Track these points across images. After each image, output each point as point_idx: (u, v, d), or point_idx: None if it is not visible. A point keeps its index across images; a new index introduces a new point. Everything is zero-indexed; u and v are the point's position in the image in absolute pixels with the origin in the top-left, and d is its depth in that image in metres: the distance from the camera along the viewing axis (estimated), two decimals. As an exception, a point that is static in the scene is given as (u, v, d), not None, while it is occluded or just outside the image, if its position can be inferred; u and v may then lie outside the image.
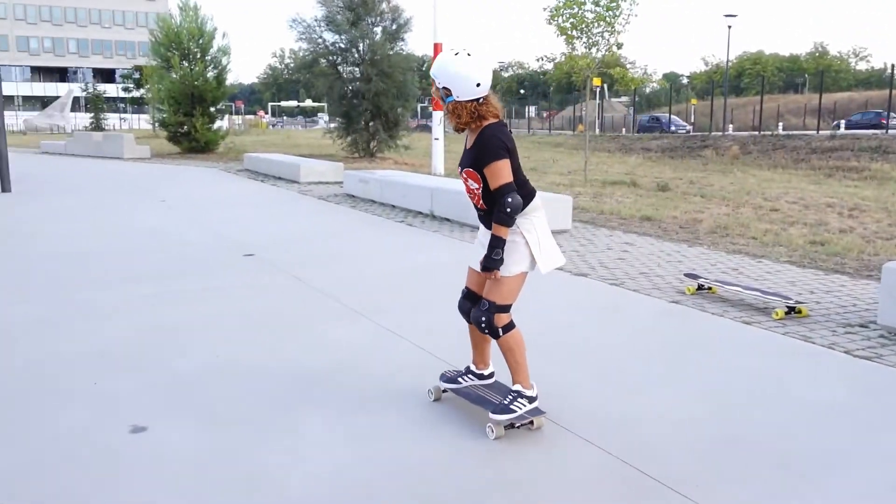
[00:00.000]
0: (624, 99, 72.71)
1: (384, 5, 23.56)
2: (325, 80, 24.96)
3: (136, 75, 64.26)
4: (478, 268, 3.70)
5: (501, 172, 3.39)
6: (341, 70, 25.00)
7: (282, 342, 5.22)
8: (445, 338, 5.24)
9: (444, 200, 11.06)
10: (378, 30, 23.84)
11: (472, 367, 4.06)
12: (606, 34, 18.03)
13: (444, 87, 3.53)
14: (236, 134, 44.37)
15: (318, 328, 5.56)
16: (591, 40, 18.22)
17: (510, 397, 3.69)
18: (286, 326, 5.60)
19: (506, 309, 3.61)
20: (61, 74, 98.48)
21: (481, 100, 3.53)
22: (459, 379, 4.07)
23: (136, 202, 13.76)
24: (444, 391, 4.12)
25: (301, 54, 26.96)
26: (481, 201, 3.57)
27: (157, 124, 40.03)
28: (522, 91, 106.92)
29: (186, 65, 28.31)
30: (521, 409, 3.65)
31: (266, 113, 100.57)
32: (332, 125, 27.60)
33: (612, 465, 3.39)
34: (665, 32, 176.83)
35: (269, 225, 10.99)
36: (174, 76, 28.36)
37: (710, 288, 6.67)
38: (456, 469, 3.34)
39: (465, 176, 3.60)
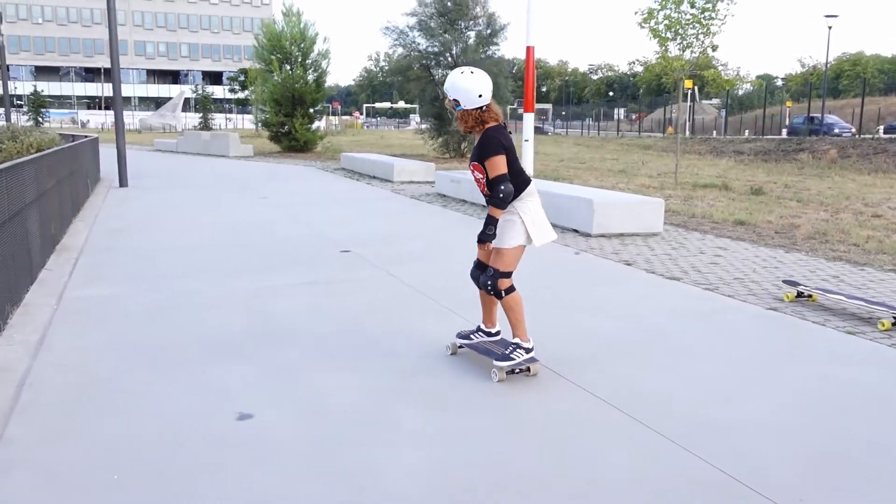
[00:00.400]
0: (715, 101, 70.46)
1: (478, 10, 23.54)
2: (417, 84, 25.17)
3: (242, 78, 66.53)
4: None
5: (497, 166, 4.07)
6: (434, 73, 25.13)
7: (380, 335, 5.26)
8: (530, 334, 5.17)
9: (534, 201, 10.95)
10: (471, 34, 23.85)
11: (482, 326, 4.75)
12: (701, 35, 17.47)
13: (453, 99, 4.20)
14: (333, 134, 45.28)
15: (413, 324, 5.58)
16: (685, 42, 17.69)
17: (511, 348, 4.38)
18: (383, 321, 5.65)
19: (507, 275, 4.31)
20: (174, 77, 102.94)
21: (484, 108, 4.19)
22: (472, 336, 4.74)
23: (240, 198, 14.20)
24: (460, 346, 4.78)
25: (395, 58, 27.26)
26: (486, 188, 4.22)
27: (259, 124, 41.29)
28: (611, 93, 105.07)
29: (288, 68, 29.06)
30: (519, 357, 4.35)
31: (361, 114, 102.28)
32: (424, 126, 27.80)
33: (709, 474, 3.25)
34: (759, 33, 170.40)
35: (364, 222, 11.14)
36: (276, 79, 29.16)
37: (810, 296, 6.35)
38: (553, 467, 3.28)
39: (472, 168, 4.27)
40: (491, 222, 4.22)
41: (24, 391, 4.21)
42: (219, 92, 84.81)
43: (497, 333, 4.75)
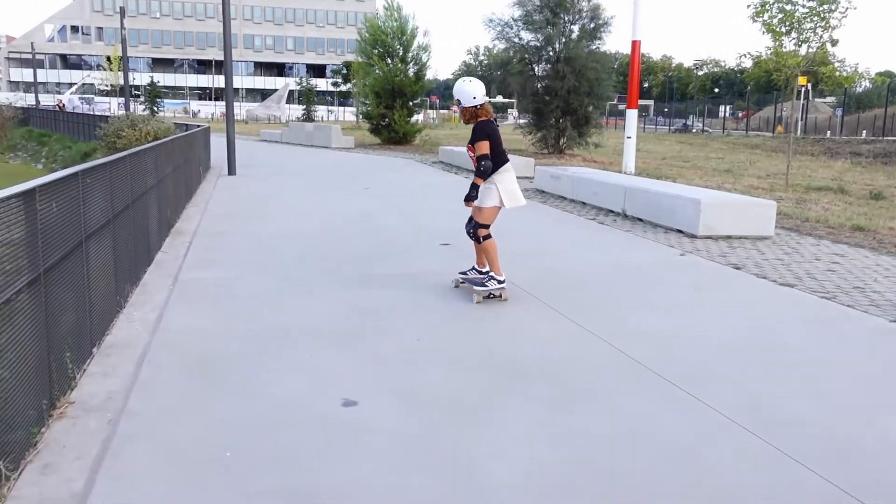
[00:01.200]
0: (830, 99, 66.96)
1: (583, 3, 23.15)
2: (518, 78, 24.96)
3: (344, 71, 67.95)
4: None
5: (481, 148, 5.77)
6: (535, 68, 24.89)
7: (483, 333, 5.25)
8: (643, 343, 5.04)
9: (637, 200, 10.69)
10: (575, 28, 23.48)
11: (475, 266, 6.35)
12: (819, 29, 16.61)
13: (456, 99, 6.06)
14: (431, 127, 45.58)
15: (517, 322, 5.54)
16: (800, 37, 16.86)
17: (487, 278, 6.08)
18: (486, 317, 5.63)
19: (486, 226, 6.03)
20: (279, 69, 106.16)
21: (478, 106, 5.95)
22: (467, 272, 6.41)
23: (342, 188, 14.49)
24: (462, 281, 6.40)
25: (496, 52, 27.17)
26: (475, 164, 5.87)
27: (360, 116, 42.05)
28: (717, 90, 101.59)
29: (389, 62, 29.44)
30: (492, 286, 6.02)
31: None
32: (522, 121, 27.62)
33: (844, 502, 3.07)
34: (882, 27, 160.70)
35: (463, 215, 11.10)
36: (378, 72, 29.60)
37: (938, 309, 5.93)
38: (676, 484, 3.18)
39: (467, 148, 5.95)
40: (474, 187, 5.89)
41: (143, 367, 4.42)
42: (322, 84, 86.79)
43: (487, 272, 6.17)
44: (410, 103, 30.19)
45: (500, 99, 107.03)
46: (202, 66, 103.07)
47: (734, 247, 8.77)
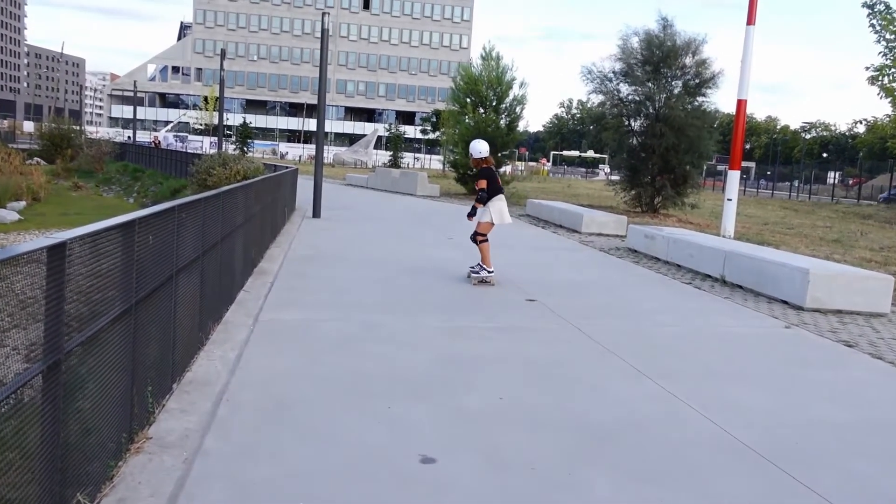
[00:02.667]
0: (952, 169, 64.00)
1: (688, 59, 23.01)
2: (613, 134, 24.87)
3: (434, 119, 69.31)
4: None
5: (481, 184, 9.14)
6: (631, 123, 24.78)
7: (566, 393, 5.15)
8: (742, 418, 4.83)
9: (738, 265, 10.38)
10: (678, 84, 23.32)
11: (480, 263, 9.31)
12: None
13: (470, 154, 9.56)
14: (519, 179, 45.92)
15: (601, 383, 5.42)
16: (923, 102, 16.25)
17: (479, 268, 9.20)
18: (570, 377, 5.54)
19: (483, 234, 9.21)
20: (369, 115, 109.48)
21: (483, 158, 9.39)
22: (475, 267, 9.34)
23: (426, 236, 14.65)
24: (469, 276, 9.35)
25: (590, 105, 27.23)
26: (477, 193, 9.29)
27: (447, 165, 42.58)
28: (825, 154, 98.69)
29: (482, 111, 29.89)
30: (483, 273, 9.16)
31: (548, 161, 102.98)
32: (615, 177, 27.44)
33: None
34: None
35: (550, 271, 11.09)
36: (468, 122, 30.05)
37: None
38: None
39: (475, 184, 9.33)
40: (474, 209, 9.37)
41: (221, 406, 4.50)
42: (410, 131, 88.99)
43: (492, 271, 9.34)
44: (500, 154, 30.46)
45: (591, 154, 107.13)
46: (293, 109, 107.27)
47: (845, 322, 8.37)
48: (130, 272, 3.64)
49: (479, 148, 9.57)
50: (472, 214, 9.45)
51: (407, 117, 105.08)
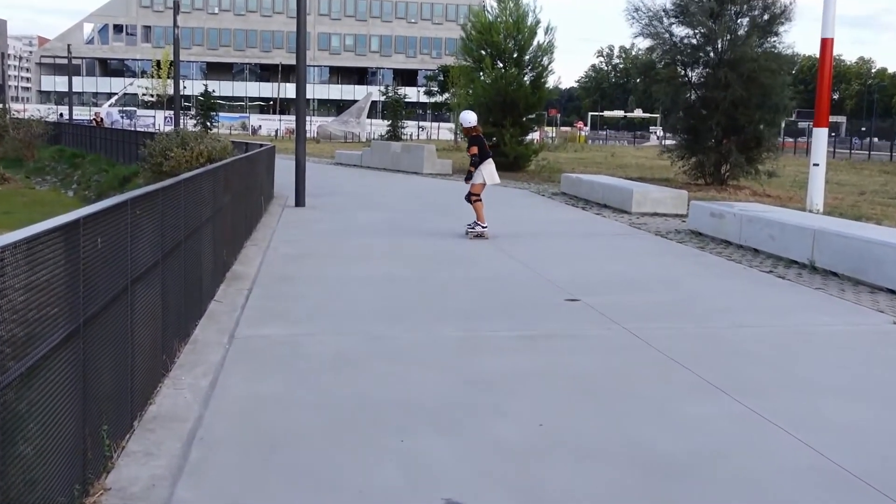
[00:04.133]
0: None
1: (755, -11, 22.85)
2: (666, 87, 24.74)
3: (441, 78, 69.33)
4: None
5: (472, 150, 13.16)
6: (688, 73, 24.66)
7: (622, 415, 5.14)
8: (846, 440, 4.80)
9: (831, 247, 10.31)
10: (743, 21, 23.16)
11: (476, 220, 13.00)
12: None
13: (460, 123, 14.47)
14: (550, 149, 45.82)
15: (666, 402, 5.40)
16: None
17: (474, 224, 13.02)
18: (626, 395, 5.52)
19: (476, 195, 13.01)
20: (360, 76, 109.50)
21: (473, 127, 13.36)
22: (470, 223, 13.09)
23: (438, 225, 14.66)
24: (466, 233, 12.95)
25: (636, 53, 27.13)
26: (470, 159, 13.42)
27: (460, 134, 42.59)
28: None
29: (500, 66, 29.82)
30: (478, 229, 12.93)
31: (585, 125, 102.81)
32: (670, 142, 27.33)
33: None
34: None
35: (594, 263, 11.07)
36: (485, 79, 30.01)
37: None
38: None
39: (468, 150, 13.64)
40: (469, 174, 13.18)
41: (194, 447, 4.52)
42: (412, 94, 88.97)
43: (486, 226, 12.82)
44: (525, 119, 30.41)
45: (639, 114, 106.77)
46: (266, 73, 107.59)
47: (969, 313, 8.30)
48: (76, 285, 3.65)
49: (469, 118, 13.45)
50: (468, 179, 13.37)
51: (407, 77, 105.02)
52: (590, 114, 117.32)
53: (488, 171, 13.13)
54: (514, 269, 10.43)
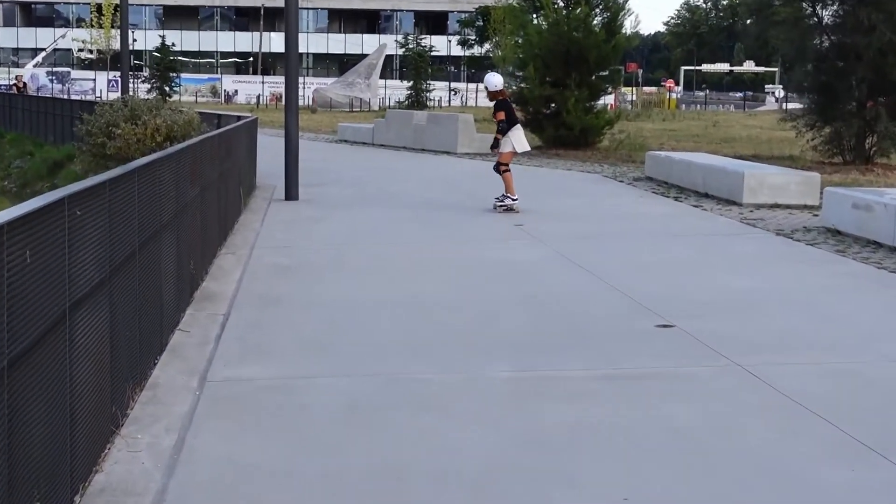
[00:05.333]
0: None
1: None
2: (788, 30, 24.59)
3: (479, 22, 69.35)
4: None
5: (499, 116, 16.37)
6: (818, 12, 24.48)
7: (735, 486, 5.10)
8: None
9: None
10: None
11: (505, 192, 16.18)
12: None
13: (485, 87, 17.78)
14: (628, 118, 45.73)
15: (796, 468, 5.35)
16: None
17: (503, 197, 16.22)
18: (740, 458, 5.48)
19: (505, 164, 16.24)
20: (369, 21, 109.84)
21: (499, 90, 17.00)
22: (499, 196, 16.26)
23: (479, 225, 14.64)
24: (494, 207, 16.24)
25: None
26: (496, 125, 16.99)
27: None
28: None
29: (561, 5, 29.75)
30: (507, 202, 16.09)
31: (676, 83, 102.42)
32: (795, 105, 27.11)
33: None
34: None
35: (693, 275, 11.00)
36: (540, 23, 29.95)
37: None
38: None
39: (493, 116, 17.15)
40: (496, 141, 16.43)
41: (155, 529, 4.53)
42: (441, 46, 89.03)
43: (516, 199, 15.91)
44: (595, 77, 30.30)
45: (750, 67, 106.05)
46: (242, 19, 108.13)
47: None
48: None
49: (495, 81, 16.79)
50: (494, 146, 16.48)
51: (434, 22, 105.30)
52: (682, 69, 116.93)
53: (517, 137, 16.12)
54: (583, 282, 10.40)
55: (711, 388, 6.79)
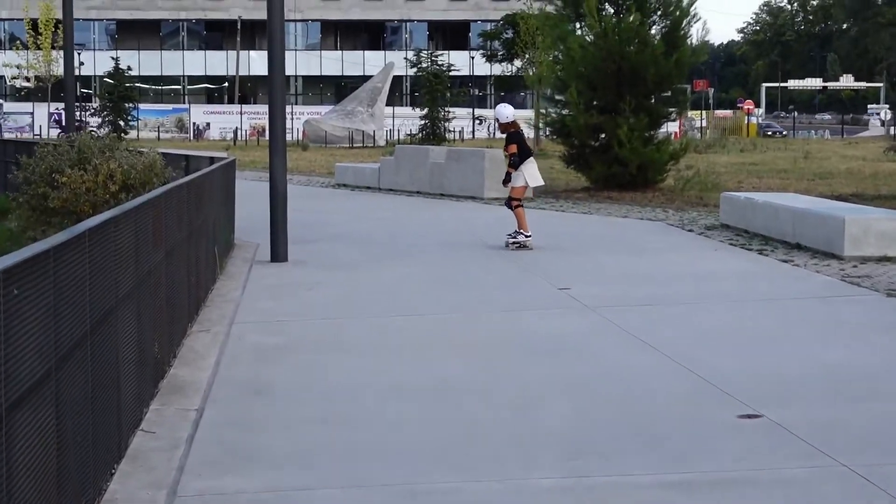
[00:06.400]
0: None
1: None
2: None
3: (509, 34, 69.68)
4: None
5: (512, 149, 20.42)
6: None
7: None
8: None
9: None
10: None
11: (517, 229, 19.93)
12: None
13: (496, 119, 22.64)
14: (698, 149, 45.74)
15: None
16: None
17: (515, 233, 19.98)
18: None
19: (517, 198, 20.30)
20: (372, 35, 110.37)
21: (510, 122, 21.01)
22: (511, 233, 19.93)
23: (517, 287, 14.64)
24: (507, 244, 19.91)
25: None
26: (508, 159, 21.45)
27: (544, 129, 42.37)
28: None
29: (611, 12, 29.88)
30: (519, 238, 19.84)
31: (757, 105, 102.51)
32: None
33: None
34: None
35: (784, 348, 10.95)
36: (585, 35, 30.07)
37: None
38: None
39: (504, 149, 21.72)
40: (508, 175, 20.13)
41: None
42: (461, 63, 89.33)
43: (529, 235, 19.53)
44: (654, 99, 30.34)
45: (848, 83, 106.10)
46: (213, 35, 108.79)
47: None
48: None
49: (506, 113, 20.35)
50: (507, 181, 19.55)
51: (452, 34, 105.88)
52: (763, 86, 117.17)
53: (530, 171, 19.73)
54: (645, 361, 10.36)
55: (813, 496, 6.73)
